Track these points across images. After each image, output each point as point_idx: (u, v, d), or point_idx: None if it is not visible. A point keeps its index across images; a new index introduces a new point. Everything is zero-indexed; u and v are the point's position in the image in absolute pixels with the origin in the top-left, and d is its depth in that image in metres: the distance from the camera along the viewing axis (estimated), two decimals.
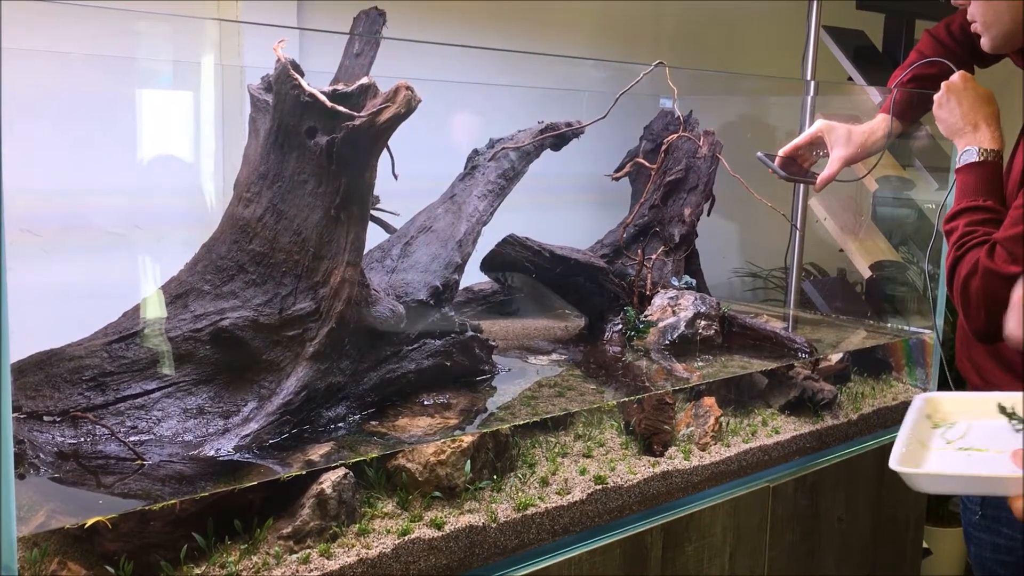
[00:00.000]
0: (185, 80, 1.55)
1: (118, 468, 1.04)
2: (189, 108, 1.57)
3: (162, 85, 1.56)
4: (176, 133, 1.58)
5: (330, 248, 1.22)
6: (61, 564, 0.88)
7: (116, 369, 1.14)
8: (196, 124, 1.58)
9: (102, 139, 1.59)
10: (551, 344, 1.74)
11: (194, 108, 1.57)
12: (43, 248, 1.54)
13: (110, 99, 1.58)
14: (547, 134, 1.67)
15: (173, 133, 1.58)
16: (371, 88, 1.21)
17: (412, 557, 1.08)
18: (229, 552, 1.00)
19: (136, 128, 1.54)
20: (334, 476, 1.07)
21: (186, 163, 1.61)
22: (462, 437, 1.19)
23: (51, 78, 1.49)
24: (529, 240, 1.70)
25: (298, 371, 1.17)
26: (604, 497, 1.30)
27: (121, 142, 1.57)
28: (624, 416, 1.50)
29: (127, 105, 1.55)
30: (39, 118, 1.50)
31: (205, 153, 1.60)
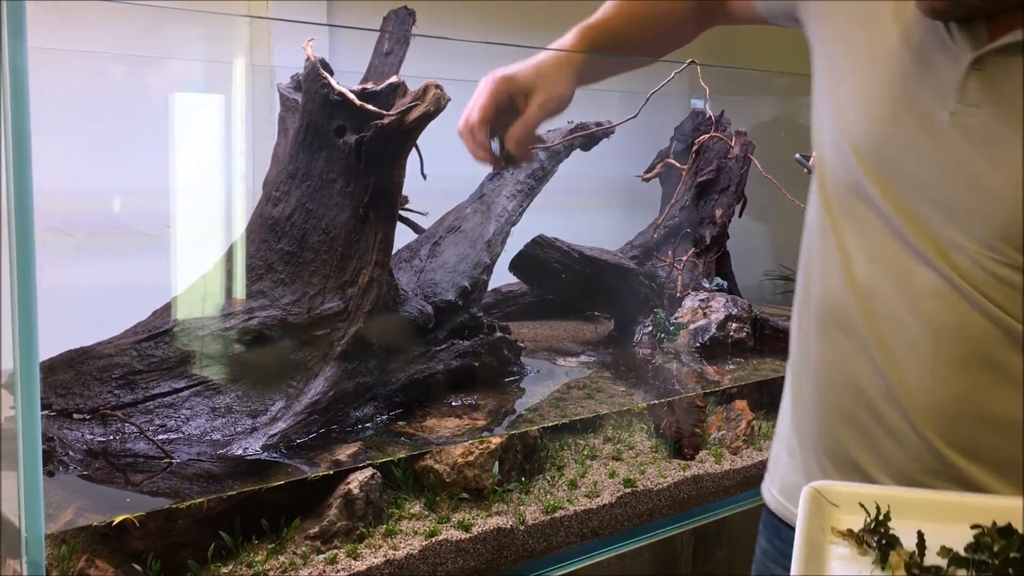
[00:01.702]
0: (215, 80, 1.56)
1: (146, 466, 1.04)
2: (219, 108, 1.57)
3: (192, 84, 1.57)
4: (206, 133, 1.59)
5: (358, 247, 1.22)
6: (89, 562, 0.88)
7: (145, 368, 1.14)
8: (226, 124, 1.58)
9: (132, 139, 1.60)
10: (580, 346, 1.73)
11: (224, 108, 1.57)
12: (75, 247, 1.55)
13: (140, 99, 1.59)
14: (577, 134, 1.65)
15: (203, 133, 1.59)
16: (400, 87, 1.21)
17: (439, 559, 1.07)
18: (256, 551, 0.99)
19: (166, 128, 1.55)
20: (361, 476, 1.06)
21: (216, 163, 1.61)
22: (490, 439, 1.18)
23: (82, 78, 1.50)
24: (558, 241, 1.69)
25: (326, 371, 1.17)
26: (634, 500, 1.28)
27: (151, 142, 1.58)
28: (654, 419, 1.48)
29: (157, 105, 1.56)
30: (71, 118, 1.51)
31: (235, 153, 1.60)
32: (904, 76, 0.88)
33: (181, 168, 1.55)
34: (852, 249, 0.91)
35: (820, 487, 0.77)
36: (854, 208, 0.92)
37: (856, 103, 0.90)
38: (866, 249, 0.90)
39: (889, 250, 0.89)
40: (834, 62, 0.93)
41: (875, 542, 0.72)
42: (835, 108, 0.92)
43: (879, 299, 0.89)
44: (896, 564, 0.71)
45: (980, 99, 0.84)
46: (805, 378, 0.99)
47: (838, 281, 0.93)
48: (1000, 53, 0.82)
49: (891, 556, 0.70)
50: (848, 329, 0.92)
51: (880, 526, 0.73)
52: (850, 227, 0.92)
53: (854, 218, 0.91)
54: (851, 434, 0.93)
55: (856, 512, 0.75)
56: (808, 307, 0.98)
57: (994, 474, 0.87)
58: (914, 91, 0.87)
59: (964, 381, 0.88)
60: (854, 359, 0.92)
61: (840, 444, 0.94)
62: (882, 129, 0.88)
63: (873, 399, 0.91)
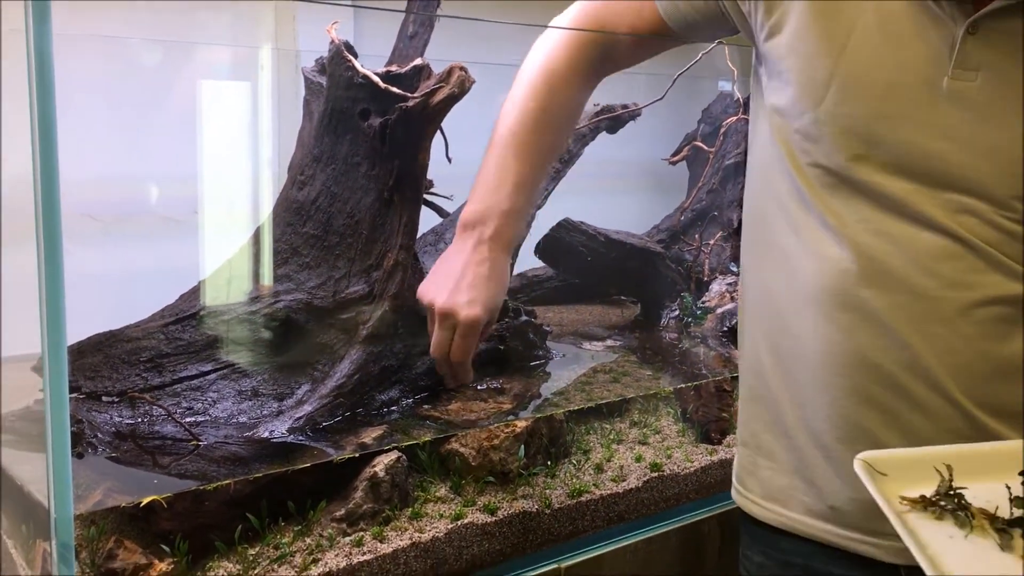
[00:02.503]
0: (241, 64, 1.56)
1: (174, 448, 1.04)
2: (244, 92, 1.57)
3: (218, 69, 1.57)
4: (232, 118, 1.59)
5: (383, 231, 1.21)
6: (118, 542, 0.89)
7: (172, 351, 1.15)
8: (252, 109, 1.58)
9: (158, 125, 1.61)
10: (606, 330, 1.72)
11: (249, 93, 1.58)
12: (103, 232, 1.56)
13: (166, 84, 1.60)
14: (603, 116, 1.64)
15: (229, 118, 1.59)
16: (425, 69, 1.20)
17: (465, 542, 1.07)
18: (283, 533, 1.00)
19: (193, 113, 1.55)
20: (387, 459, 1.06)
21: (242, 148, 1.62)
22: (516, 422, 1.18)
23: (109, 64, 1.50)
24: (584, 224, 1.68)
25: (351, 354, 1.17)
26: (660, 485, 1.27)
27: (177, 127, 1.58)
28: (681, 403, 1.47)
29: (183, 90, 1.56)
30: (98, 105, 1.52)
31: (261, 138, 1.61)
32: (894, 50, 0.87)
33: (208, 153, 1.55)
34: (849, 225, 0.90)
35: (867, 458, 0.76)
36: (843, 187, 0.90)
37: (841, 85, 0.88)
38: (865, 223, 0.89)
39: (891, 221, 0.88)
40: (801, 47, 0.92)
41: (952, 505, 0.72)
42: (807, 94, 0.90)
43: (889, 271, 0.88)
44: (980, 524, 0.71)
45: (978, 62, 0.85)
46: (801, 369, 0.96)
47: (835, 259, 0.91)
48: (992, 17, 0.83)
49: (975, 519, 0.71)
50: (855, 307, 0.90)
51: (951, 489, 0.73)
52: (841, 205, 0.90)
53: (844, 197, 0.90)
54: (870, 415, 0.91)
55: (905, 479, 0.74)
56: (794, 293, 0.96)
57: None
58: (908, 63, 0.87)
59: (989, 339, 0.88)
60: (866, 336, 0.90)
61: (858, 428, 0.92)
62: (876, 106, 0.87)
63: (893, 374, 0.89)
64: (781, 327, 0.97)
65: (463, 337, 1.13)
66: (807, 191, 0.91)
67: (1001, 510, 0.71)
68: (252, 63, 1.55)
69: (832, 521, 0.95)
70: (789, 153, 0.93)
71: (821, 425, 0.93)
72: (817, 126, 0.89)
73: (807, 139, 0.90)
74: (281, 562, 0.96)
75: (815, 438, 0.95)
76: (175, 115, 1.60)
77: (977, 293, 0.86)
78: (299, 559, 0.96)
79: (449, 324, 1.12)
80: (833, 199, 0.89)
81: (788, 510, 0.99)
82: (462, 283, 1.12)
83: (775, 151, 0.95)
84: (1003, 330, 0.87)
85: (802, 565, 0.99)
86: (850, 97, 0.87)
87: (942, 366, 0.87)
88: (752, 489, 1.04)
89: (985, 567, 0.66)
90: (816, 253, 0.91)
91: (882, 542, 0.91)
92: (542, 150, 1.15)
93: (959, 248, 0.85)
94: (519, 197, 1.14)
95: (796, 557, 0.99)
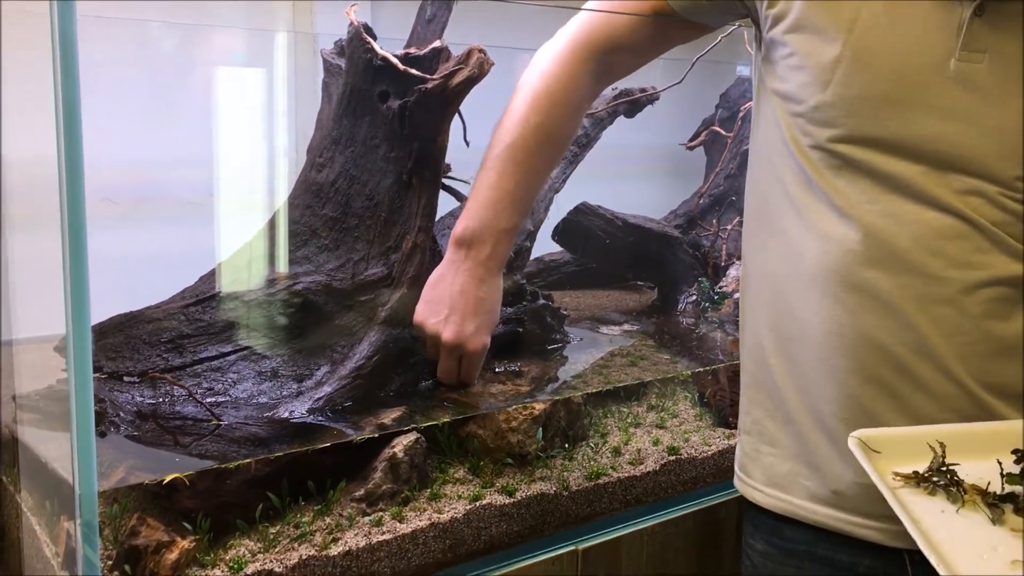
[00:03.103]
0: (259, 47, 1.56)
1: (195, 428, 1.05)
2: (262, 76, 1.58)
3: (236, 52, 1.57)
4: (249, 101, 1.59)
5: (402, 213, 1.21)
6: (140, 520, 0.90)
7: (193, 332, 1.15)
8: (269, 92, 1.59)
9: (176, 108, 1.61)
10: (623, 315, 1.72)
11: (267, 76, 1.58)
12: (121, 216, 1.57)
13: (184, 67, 1.60)
14: (621, 100, 1.63)
15: (246, 101, 1.60)
16: (443, 51, 1.20)
17: (483, 523, 1.08)
18: (303, 513, 1.00)
19: (210, 96, 1.56)
20: (406, 440, 1.07)
21: (259, 131, 1.62)
22: (534, 404, 1.18)
23: (127, 46, 1.51)
24: (602, 208, 1.67)
25: (370, 336, 1.17)
26: (678, 468, 1.27)
27: (195, 110, 1.59)
28: (698, 388, 1.47)
29: (201, 73, 1.57)
30: (116, 88, 1.52)
31: (278, 121, 1.61)
32: (901, 32, 0.88)
33: (226, 136, 1.56)
34: (855, 205, 0.90)
35: (861, 436, 0.78)
36: (848, 169, 0.91)
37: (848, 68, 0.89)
38: (871, 204, 0.89)
39: (897, 202, 0.89)
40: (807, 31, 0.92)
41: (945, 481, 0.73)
42: (813, 78, 0.90)
43: (895, 251, 0.89)
44: (972, 499, 0.72)
45: (985, 44, 0.86)
46: (803, 351, 0.95)
47: (841, 240, 0.91)
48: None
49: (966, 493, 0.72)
50: (861, 287, 0.90)
51: (943, 465, 0.75)
52: (847, 186, 0.90)
53: (850, 178, 0.90)
54: (876, 396, 0.91)
55: (898, 456, 0.76)
56: (798, 275, 0.96)
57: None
58: (915, 45, 0.87)
59: (993, 318, 0.89)
60: (872, 317, 0.90)
61: (862, 409, 0.92)
62: (883, 89, 0.88)
63: (898, 355, 0.89)
64: (784, 310, 0.97)
65: (472, 364, 1.17)
66: (812, 173, 0.91)
67: (994, 487, 0.73)
68: (270, 46, 1.55)
69: (835, 506, 0.95)
70: (793, 137, 0.93)
71: (825, 408, 0.93)
72: (823, 109, 0.89)
73: (812, 122, 0.90)
74: (301, 541, 0.96)
75: (819, 422, 0.95)
76: (193, 98, 1.60)
77: (982, 273, 0.86)
78: (319, 538, 0.97)
79: (456, 354, 1.15)
80: (838, 180, 0.90)
81: (791, 496, 0.99)
82: (465, 311, 1.13)
83: (779, 135, 0.95)
84: (1006, 310, 0.87)
85: (806, 552, 0.99)
86: (857, 80, 0.88)
87: (947, 346, 0.87)
88: (754, 476, 1.04)
89: (975, 541, 0.68)
90: (821, 234, 0.91)
91: (886, 526, 0.91)
92: (540, 167, 1.15)
93: (965, 228, 0.86)
94: (516, 215, 1.14)
95: (800, 544, 0.99)
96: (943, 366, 0.88)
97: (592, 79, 1.12)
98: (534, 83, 1.11)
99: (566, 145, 1.23)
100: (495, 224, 1.12)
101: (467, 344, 1.13)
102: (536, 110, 1.10)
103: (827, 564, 0.97)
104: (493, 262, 1.13)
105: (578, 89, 1.11)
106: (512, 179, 1.11)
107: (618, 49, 1.10)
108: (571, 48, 1.11)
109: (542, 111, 1.10)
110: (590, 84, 1.12)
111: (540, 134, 1.11)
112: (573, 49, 1.10)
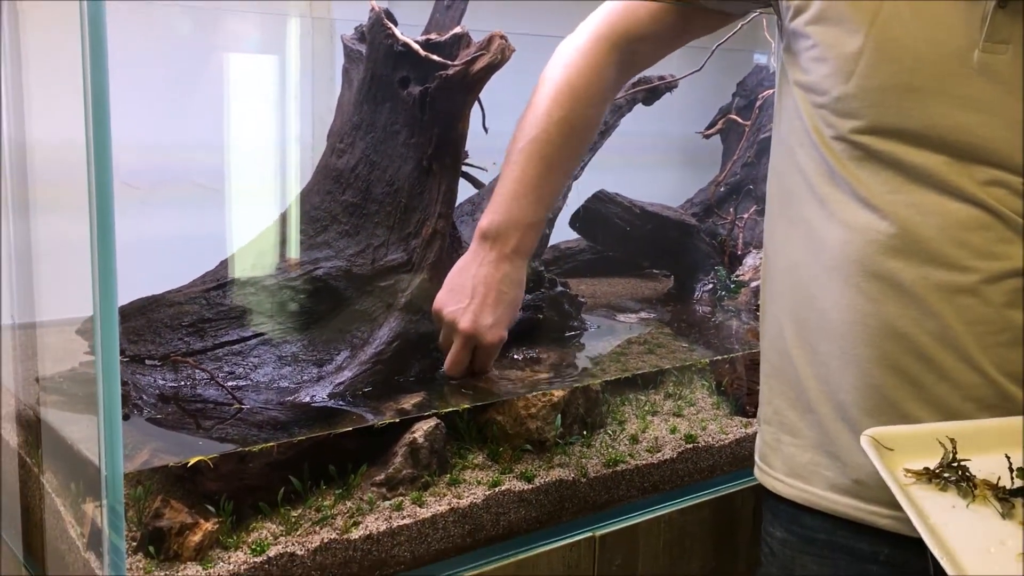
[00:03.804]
0: (276, 33, 1.56)
1: (217, 412, 1.06)
2: (279, 62, 1.58)
3: (254, 37, 1.57)
4: (267, 87, 1.60)
5: (422, 199, 1.22)
6: (164, 502, 0.90)
7: (214, 316, 1.16)
8: (286, 78, 1.59)
9: (195, 92, 1.61)
10: (639, 303, 1.72)
11: (283, 62, 1.58)
12: (140, 200, 1.57)
13: (202, 51, 1.60)
14: (639, 88, 1.63)
15: (264, 87, 1.60)
16: (464, 37, 1.20)
17: (502, 508, 1.08)
18: (324, 496, 1.01)
19: (228, 82, 1.56)
20: (426, 426, 1.07)
21: (276, 117, 1.62)
22: (552, 392, 1.18)
23: (146, 30, 1.51)
24: (619, 196, 1.67)
25: (390, 321, 1.17)
26: (695, 456, 1.28)
27: (213, 95, 1.59)
28: (715, 376, 1.47)
29: (219, 58, 1.57)
30: (136, 71, 1.52)
31: (295, 107, 1.61)
32: (924, 23, 0.88)
33: (243, 122, 1.56)
34: (878, 196, 0.90)
35: (874, 434, 0.79)
36: (871, 160, 0.91)
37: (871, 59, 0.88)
38: (895, 194, 0.90)
39: (921, 192, 0.89)
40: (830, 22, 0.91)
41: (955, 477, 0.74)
42: (836, 69, 0.90)
43: (918, 241, 0.89)
44: (983, 494, 0.72)
45: (1008, 35, 0.86)
46: (825, 341, 0.95)
47: (864, 230, 0.91)
48: None
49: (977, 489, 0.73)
50: (883, 277, 0.90)
51: (955, 461, 0.75)
52: (870, 177, 0.91)
53: (873, 169, 0.90)
54: (898, 385, 0.91)
55: (911, 453, 0.77)
56: (820, 265, 0.96)
57: None
58: (939, 36, 0.87)
59: (1017, 308, 0.89)
60: (895, 306, 0.90)
61: (884, 399, 0.92)
62: (906, 80, 0.88)
63: (922, 344, 0.89)
64: (806, 300, 0.97)
65: (487, 356, 1.17)
66: (835, 164, 0.91)
67: (1004, 482, 0.74)
68: (287, 31, 1.56)
69: (856, 496, 0.95)
70: (815, 128, 0.93)
71: (846, 398, 0.93)
72: (845, 101, 0.89)
73: (835, 114, 0.90)
74: (323, 524, 0.97)
75: (840, 411, 0.95)
76: (211, 83, 1.60)
77: (1006, 263, 0.87)
78: (340, 522, 0.98)
79: (470, 345, 1.14)
80: (861, 171, 0.90)
81: (812, 486, 0.99)
82: (485, 302, 1.12)
83: (801, 126, 0.95)
84: None
85: (825, 541, 0.99)
86: (880, 71, 0.87)
87: (970, 335, 0.88)
88: (775, 466, 1.04)
89: (985, 535, 0.68)
90: (844, 224, 0.91)
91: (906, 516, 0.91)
92: (566, 160, 1.15)
93: (989, 218, 0.86)
94: (541, 208, 1.14)
95: (819, 533, 0.99)
96: (966, 355, 0.88)
97: (615, 71, 1.11)
98: (557, 76, 1.10)
99: (591, 138, 1.22)
100: (520, 218, 1.11)
101: (484, 336, 1.13)
102: (559, 104, 1.09)
103: (847, 553, 0.97)
104: (518, 256, 1.13)
105: (601, 81, 1.11)
106: (536, 173, 1.11)
107: (640, 39, 1.09)
108: (593, 40, 1.10)
109: (565, 105, 1.09)
110: (613, 76, 1.12)
111: (564, 127, 1.10)
112: (595, 41, 1.10)
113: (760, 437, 1.08)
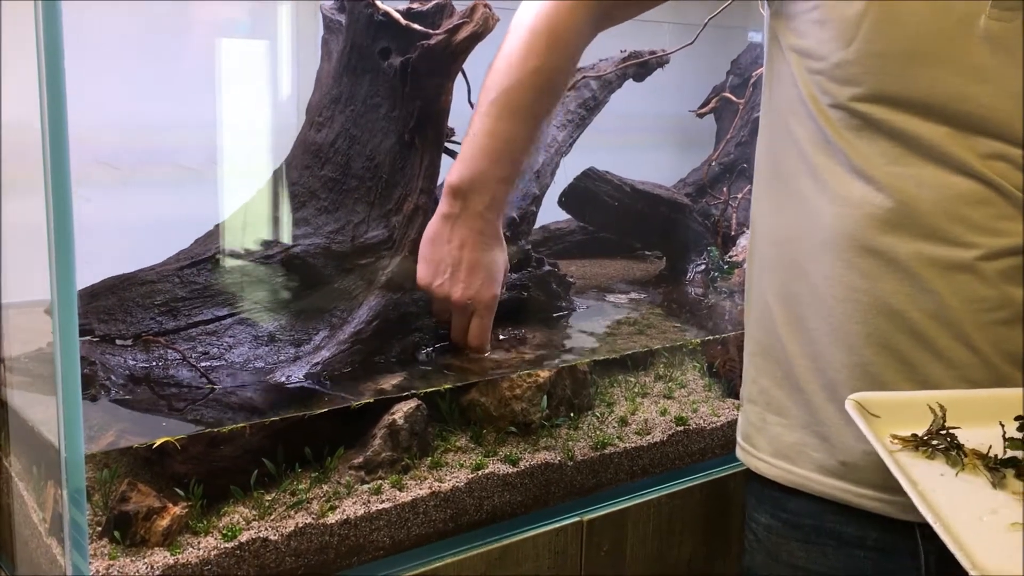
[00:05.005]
0: (260, 12, 1.53)
1: (189, 393, 1.02)
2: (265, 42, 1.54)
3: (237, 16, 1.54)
4: (252, 68, 1.56)
5: (403, 175, 1.18)
6: (131, 485, 0.87)
7: (187, 294, 1.12)
8: (272, 57, 1.55)
9: (174, 72, 1.58)
10: (630, 284, 1.68)
11: (270, 41, 1.54)
12: (122, 181, 1.54)
13: (182, 31, 1.56)
14: (630, 63, 1.59)
15: (248, 66, 1.56)
16: (447, 7, 1.16)
17: (486, 492, 1.05)
18: (300, 480, 0.97)
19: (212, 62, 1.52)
20: (406, 407, 1.04)
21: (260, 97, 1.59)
22: (538, 372, 1.15)
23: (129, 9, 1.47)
24: (609, 174, 1.63)
25: (370, 300, 1.14)
26: (685, 439, 1.24)
27: (194, 76, 1.55)
28: (707, 358, 1.44)
29: (202, 37, 1.53)
30: (115, 49, 1.49)
31: (279, 86, 1.57)
32: None
33: (225, 101, 1.52)
34: (876, 167, 0.87)
35: (859, 399, 0.76)
36: (870, 129, 0.87)
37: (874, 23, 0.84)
38: (893, 166, 0.86)
39: (920, 164, 0.86)
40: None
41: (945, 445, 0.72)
42: (837, 33, 0.86)
43: (916, 215, 0.86)
44: (972, 463, 0.70)
45: (1017, 3, 0.81)
46: (815, 318, 0.92)
47: (859, 203, 0.88)
48: None
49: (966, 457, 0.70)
50: (878, 252, 0.87)
51: (943, 428, 0.73)
52: (868, 147, 0.87)
53: (872, 139, 0.87)
54: (889, 364, 0.88)
55: (897, 420, 0.75)
56: (811, 239, 0.92)
57: None
58: (945, 1, 0.84)
59: (1012, 286, 0.86)
60: (889, 283, 0.87)
61: (875, 378, 0.89)
62: (910, 45, 0.84)
63: (915, 321, 0.86)
64: (796, 276, 0.93)
65: (483, 318, 1.13)
66: (831, 134, 0.88)
67: (995, 452, 0.71)
68: (273, 10, 1.52)
69: (844, 478, 0.92)
70: (811, 95, 0.89)
71: (836, 376, 0.90)
72: (846, 66, 0.86)
73: (834, 80, 0.87)
74: (298, 508, 0.93)
75: (829, 390, 0.91)
76: (193, 62, 1.56)
77: (1006, 240, 0.84)
78: (316, 506, 0.94)
79: (469, 311, 1.12)
80: (859, 141, 0.86)
81: (798, 467, 0.96)
82: (470, 266, 1.09)
83: (795, 94, 0.91)
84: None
85: (812, 526, 0.96)
86: (883, 36, 0.84)
87: (966, 312, 0.85)
88: (760, 447, 1.01)
89: (976, 504, 0.66)
90: (838, 197, 0.88)
91: (896, 499, 0.88)
92: (539, 113, 1.10)
93: (990, 193, 0.83)
94: (514, 163, 1.09)
95: (806, 518, 0.96)
96: (961, 333, 0.85)
97: (591, 21, 1.06)
98: (530, 23, 1.05)
99: (562, 91, 1.16)
100: (493, 173, 1.07)
101: (479, 298, 1.10)
102: (535, 52, 1.04)
103: (834, 537, 0.94)
104: (492, 212, 1.09)
105: (577, 30, 1.05)
106: (510, 125, 1.06)
107: None
108: None
109: (540, 53, 1.04)
110: (588, 25, 1.06)
111: (538, 78, 1.05)
112: None
113: (743, 416, 1.05)
